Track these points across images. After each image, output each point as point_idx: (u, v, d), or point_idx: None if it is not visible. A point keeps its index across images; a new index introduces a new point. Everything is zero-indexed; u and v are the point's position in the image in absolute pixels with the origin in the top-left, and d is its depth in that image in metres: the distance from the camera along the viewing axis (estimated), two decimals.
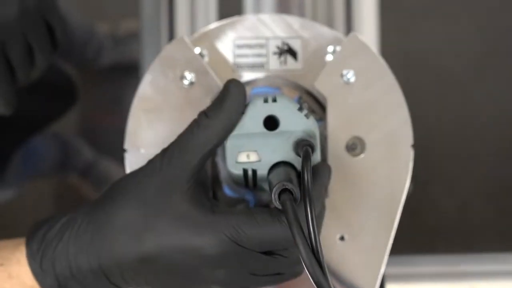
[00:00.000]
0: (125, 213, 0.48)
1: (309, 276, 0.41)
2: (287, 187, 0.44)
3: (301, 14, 0.77)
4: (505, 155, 1.39)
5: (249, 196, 0.56)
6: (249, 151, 0.48)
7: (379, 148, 0.54)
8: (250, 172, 0.49)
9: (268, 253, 0.47)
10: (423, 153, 0.55)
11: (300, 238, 0.42)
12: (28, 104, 1.02)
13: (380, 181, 0.54)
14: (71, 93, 1.12)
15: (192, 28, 0.87)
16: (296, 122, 0.49)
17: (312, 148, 0.47)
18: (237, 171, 0.49)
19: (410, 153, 0.54)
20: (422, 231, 1.32)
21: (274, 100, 0.49)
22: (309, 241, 0.42)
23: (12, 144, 1.07)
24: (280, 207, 0.44)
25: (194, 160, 0.47)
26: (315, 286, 0.41)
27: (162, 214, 0.47)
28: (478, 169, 1.38)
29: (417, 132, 0.55)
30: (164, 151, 0.49)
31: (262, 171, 0.48)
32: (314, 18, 0.78)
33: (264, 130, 0.49)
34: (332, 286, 0.41)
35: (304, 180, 0.44)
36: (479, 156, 1.39)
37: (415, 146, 0.55)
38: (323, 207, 0.50)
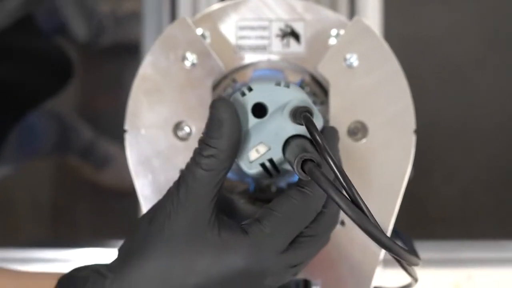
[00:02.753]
0: (160, 265, 0.46)
1: (362, 230, 0.41)
2: (305, 157, 0.44)
3: None
4: (506, 144, 1.39)
5: (248, 179, 0.55)
6: (256, 146, 0.48)
7: (381, 133, 0.54)
8: (268, 164, 0.48)
9: (295, 241, 0.47)
10: (424, 140, 0.55)
11: (339, 197, 0.41)
12: (25, 80, 1.02)
13: (381, 166, 0.54)
14: (67, 69, 1.11)
15: (194, 8, 0.86)
16: (281, 96, 0.48)
17: (310, 112, 0.46)
18: (257, 169, 0.48)
19: (412, 139, 0.54)
20: (422, 218, 1.32)
21: (250, 89, 0.48)
22: (348, 196, 0.42)
23: (9, 121, 1.07)
24: (307, 178, 0.44)
25: (211, 193, 0.46)
26: (370, 238, 0.41)
27: (199, 253, 0.46)
28: (478, 157, 1.38)
29: (418, 119, 0.55)
30: (178, 188, 0.46)
31: (278, 156, 0.48)
32: (318, 0, 0.78)
33: (257, 119, 0.48)
34: (382, 231, 0.41)
35: (317, 142, 0.43)
36: (479, 144, 1.39)
37: (416, 133, 0.54)
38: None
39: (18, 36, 0.96)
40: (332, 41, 0.55)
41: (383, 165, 0.54)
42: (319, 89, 0.56)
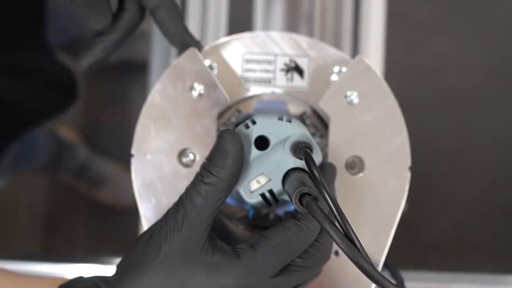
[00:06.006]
0: (155, 283, 0.48)
1: (354, 264, 0.43)
2: (303, 191, 0.46)
3: (310, 32, 0.78)
4: (502, 177, 1.40)
5: (247, 206, 0.57)
6: (257, 177, 0.50)
7: (377, 169, 0.56)
8: (267, 194, 0.50)
9: (286, 268, 0.49)
10: (421, 171, 0.57)
11: (334, 231, 0.43)
12: (29, 98, 1.03)
13: (376, 200, 0.56)
14: (73, 91, 1.13)
15: (202, 31, 0.88)
16: (282, 131, 0.51)
17: (310, 148, 0.49)
18: (257, 199, 0.50)
19: (407, 175, 0.56)
20: (416, 247, 1.33)
21: (254, 123, 0.51)
22: (341, 230, 0.44)
23: (9, 137, 1.08)
24: (304, 211, 0.46)
25: (207, 219, 0.48)
26: (361, 272, 0.43)
27: (192, 274, 0.48)
28: (474, 189, 1.39)
29: (415, 149, 0.57)
30: (176, 211, 0.49)
31: (277, 187, 0.50)
32: (322, 35, 0.80)
33: (259, 152, 0.50)
34: (373, 265, 0.43)
35: (316, 178, 0.46)
36: (475, 176, 1.40)
37: (413, 163, 0.56)
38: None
39: (25, 54, 0.98)
40: (334, 77, 0.57)
41: (378, 199, 0.56)
42: (319, 122, 0.58)
